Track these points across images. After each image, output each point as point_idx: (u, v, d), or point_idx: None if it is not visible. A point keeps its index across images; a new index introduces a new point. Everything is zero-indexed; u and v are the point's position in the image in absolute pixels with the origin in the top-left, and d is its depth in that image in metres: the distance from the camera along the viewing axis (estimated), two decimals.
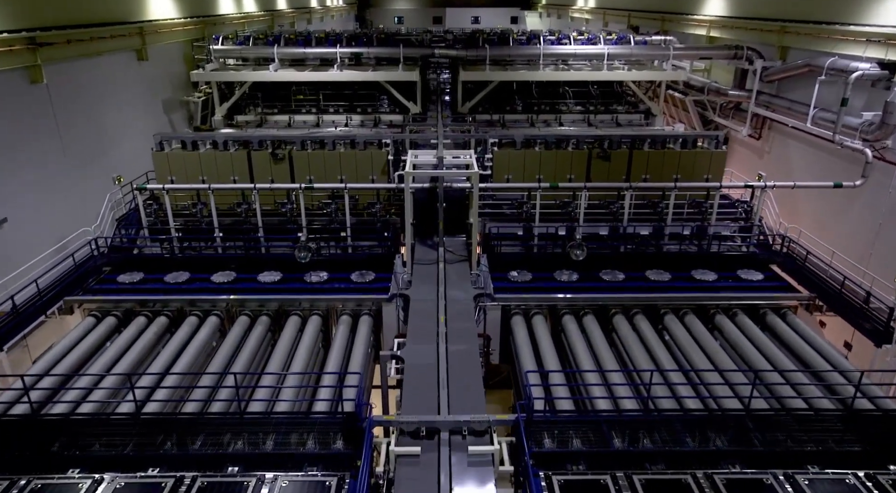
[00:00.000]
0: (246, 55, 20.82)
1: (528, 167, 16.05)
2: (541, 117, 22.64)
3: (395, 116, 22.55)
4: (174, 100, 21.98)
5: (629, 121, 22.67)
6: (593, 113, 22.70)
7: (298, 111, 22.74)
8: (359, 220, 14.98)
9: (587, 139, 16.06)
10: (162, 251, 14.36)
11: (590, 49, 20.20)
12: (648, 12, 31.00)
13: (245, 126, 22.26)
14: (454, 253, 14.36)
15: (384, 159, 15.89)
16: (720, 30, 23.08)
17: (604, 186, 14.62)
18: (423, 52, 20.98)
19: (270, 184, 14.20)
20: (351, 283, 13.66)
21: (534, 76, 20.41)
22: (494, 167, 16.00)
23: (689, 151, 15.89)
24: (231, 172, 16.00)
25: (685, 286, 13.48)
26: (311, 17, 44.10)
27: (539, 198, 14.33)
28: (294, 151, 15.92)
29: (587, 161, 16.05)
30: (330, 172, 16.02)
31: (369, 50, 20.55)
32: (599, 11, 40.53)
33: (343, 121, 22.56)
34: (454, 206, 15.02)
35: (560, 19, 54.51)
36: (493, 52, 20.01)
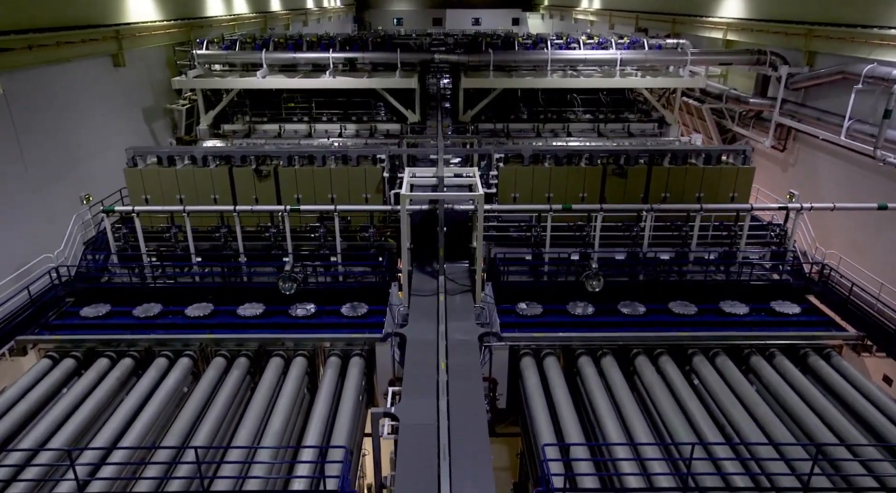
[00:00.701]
0: (232, 61, 19.42)
1: (537, 185, 14.65)
2: (547, 127, 21.24)
3: (392, 124, 21.15)
4: (156, 108, 20.59)
5: (642, 130, 21.27)
6: (603, 122, 21.30)
7: (289, 120, 21.34)
8: (351, 245, 13.58)
9: (601, 154, 14.65)
10: (131, 280, 12.94)
11: (601, 54, 18.80)
12: (658, 14, 29.62)
13: (232, 136, 20.86)
14: (456, 282, 12.96)
15: (379, 177, 14.48)
16: (738, 33, 21.69)
17: (621, 209, 13.19)
18: (421, 57, 19.58)
19: (253, 205, 12.79)
20: (341, 317, 12.27)
21: (541, 83, 19.01)
22: (500, 185, 14.59)
23: (714, 167, 14.49)
24: (211, 190, 14.59)
25: (714, 321, 12.09)
26: (308, 18, 42.69)
27: (550, 220, 12.93)
28: (280, 167, 14.51)
29: (601, 178, 14.64)
30: (319, 190, 14.61)
31: (364, 55, 19.15)
32: (605, 13, 39.15)
33: (337, 130, 21.15)
34: (456, 229, 13.63)
35: (563, 21, 53.15)
36: (497, 58, 18.62)
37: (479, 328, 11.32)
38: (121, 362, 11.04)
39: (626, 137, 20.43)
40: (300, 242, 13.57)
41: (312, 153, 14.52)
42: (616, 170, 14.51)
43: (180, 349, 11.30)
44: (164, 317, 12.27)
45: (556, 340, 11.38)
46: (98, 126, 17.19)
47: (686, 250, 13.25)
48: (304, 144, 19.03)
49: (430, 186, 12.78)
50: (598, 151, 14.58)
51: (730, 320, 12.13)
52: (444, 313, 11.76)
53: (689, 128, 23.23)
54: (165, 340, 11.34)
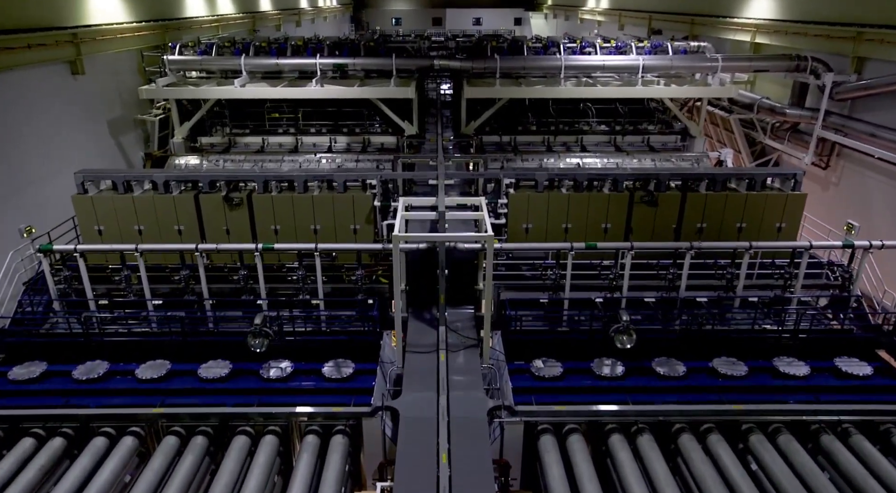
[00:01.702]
0: (208, 67, 17.38)
1: (553, 214, 12.64)
2: (559, 140, 19.20)
3: (387, 137, 19.12)
4: (125, 119, 18.57)
5: (663, 144, 19.24)
6: (621, 134, 19.25)
7: (274, 132, 19.30)
8: (335, 287, 11.55)
9: (628, 178, 12.63)
10: (73, 331, 10.90)
11: (621, 60, 16.75)
12: (674, 14, 27.58)
13: (209, 150, 18.83)
14: (459, 333, 10.92)
15: (369, 205, 12.47)
16: (769, 36, 19.66)
17: (656, 247, 11.13)
18: (419, 63, 17.53)
19: (219, 243, 10.74)
20: (322, 379, 10.27)
21: (553, 93, 16.97)
22: (510, 214, 12.59)
23: (759, 193, 12.47)
24: (175, 220, 12.59)
25: (769, 386, 10.09)
26: (301, 18, 40.61)
27: (571, 262, 10.90)
28: (255, 194, 12.50)
29: (628, 206, 12.64)
30: (301, 220, 12.61)
31: (355, 61, 17.10)
32: (614, 13, 37.09)
33: (326, 143, 19.13)
34: (459, 267, 11.59)
35: (568, 21, 51.10)
36: (504, 64, 16.56)
37: (488, 400, 9.29)
38: (49, 442, 9.01)
39: (646, 152, 18.38)
40: (276, 285, 11.54)
41: (292, 178, 12.49)
42: (645, 197, 12.50)
43: (125, 425, 9.28)
44: (110, 379, 10.26)
45: (581, 414, 9.36)
46: (51, 143, 15.16)
47: (731, 294, 11.22)
48: (289, 160, 16.98)
49: (429, 221, 10.77)
50: (623, 176, 12.54)
51: (788, 383, 10.12)
52: (445, 376, 9.72)
53: (712, 139, 21.18)
54: (107, 415, 9.32)
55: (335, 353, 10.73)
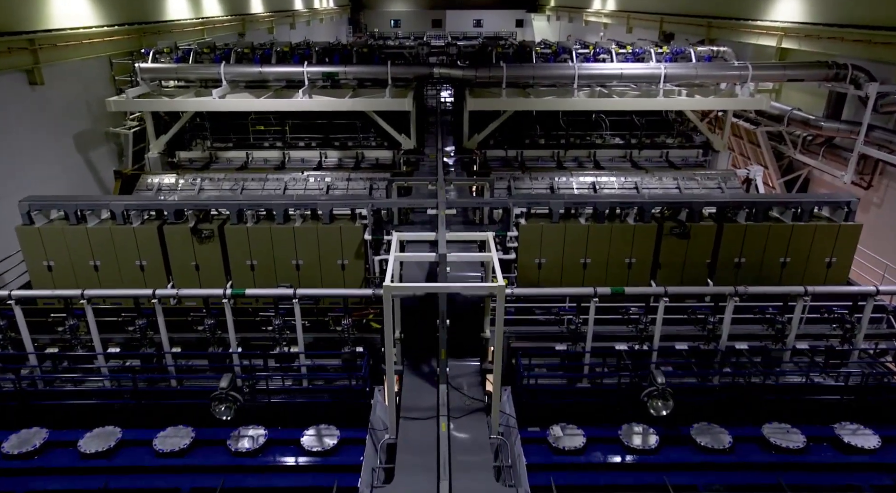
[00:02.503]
0: (184, 75, 15.76)
1: (570, 248, 11.02)
2: (570, 154, 17.62)
3: (382, 151, 17.53)
4: (95, 133, 16.98)
5: (683, 159, 17.65)
6: (637, 148, 17.66)
7: (259, 146, 17.70)
8: (319, 337, 9.90)
9: (656, 206, 11.01)
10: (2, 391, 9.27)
11: (641, 69, 15.13)
12: (688, 17, 25.96)
13: (188, 166, 17.25)
14: (462, 392, 9.30)
15: (359, 237, 10.85)
16: (799, 40, 18.06)
17: (696, 293, 9.49)
18: (417, 71, 15.92)
19: (178, 291, 9.09)
20: (301, 451, 8.64)
21: (566, 105, 15.35)
22: (521, 247, 10.96)
23: (807, 224, 10.85)
24: (136, 254, 10.98)
25: (835, 464, 8.46)
26: (295, 21, 38.97)
27: (593, 311, 9.26)
28: (228, 225, 10.88)
29: (655, 238, 11.02)
30: (281, 254, 11.00)
31: (347, 69, 15.48)
32: (622, 15, 35.48)
33: (316, 158, 17.54)
34: (462, 314, 9.98)
35: (571, 23, 49.52)
36: (511, 73, 14.94)
37: (499, 488, 7.66)
38: None
39: (666, 169, 16.79)
40: (249, 334, 9.89)
41: (270, 206, 10.86)
42: (676, 228, 10.87)
43: None
44: (47, 453, 8.62)
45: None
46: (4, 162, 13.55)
47: (781, 346, 9.58)
48: (274, 178, 15.38)
49: (427, 264, 9.16)
50: (651, 203, 10.91)
51: (859, 460, 8.49)
52: (446, 453, 8.10)
53: (734, 152, 19.56)
54: None
55: (318, 416, 9.11)
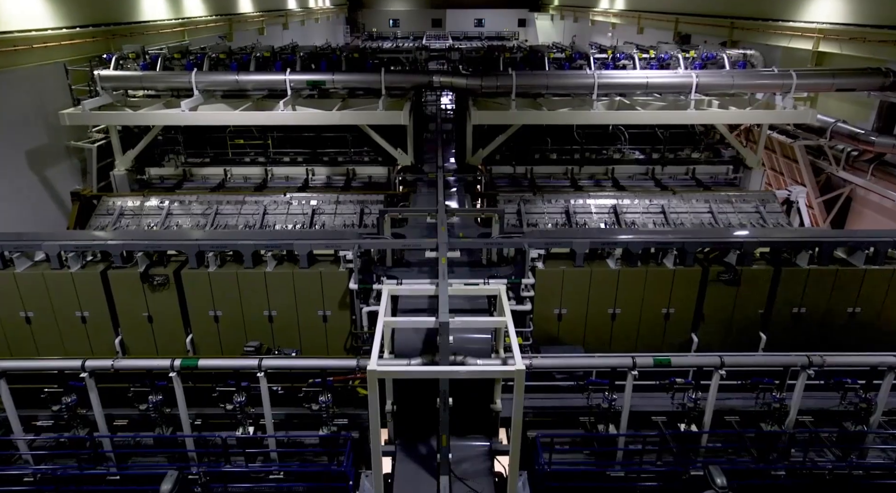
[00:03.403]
0: (150, 84, 13.91)
1: (597, 296, 9.22)
2: (585, 171, 15.79)
3: (375, 167, 15.73)
4: (55, 148, 15.16)
5: (712, 176, 15.83)
6: (660, 164, 15.83)
7: (238, 161, 15.89)
8: (291, 414, 8.09)
9: (700, 245, 9.19)
10: None
11: (669, 77, 13.28)
12: (708, 17, 24.11)
13: (159, 185, 15.45)
14: (468, 486, 7.49)
15: (343, 285, 9.05)
16: (840, 44, 16.23)
17: (762, 364, 7.63)
18: (415, 79, 14.08)
19: (113, 362, 7.27)
20: None
21: (584, 118, 13.51)
22: (538, 295, 9.15)
23: (884, 268, 9.03)
24: (76, 304, 9.18)
25: None
26: (288, 21, 37.10)
27: (631, 383, 7.44)
28: (186, 269, 9.07)
29: (699, 284, 9.21)
30: (251, 305, 9.20)
31: (335, 77, 13.65)
32: (632, 15, 33.63)
33: (301, 175, 15.72)
34: (468, 386, 8.17)
35: (577, 23, 47.68)
36: (522, 82, 13.11)
37: None
38: None
39: (694, 189, 14.98)
40: (205, 411, 8.07)
41: (237, 247, 9.04)
42: (724, 274, 9.06)
43: None
44: None
45: None
46: None
47: (862, 427, 7.76)
48: (253, 201, 13.56)
49: (424, 330, 7.32)
50: (694, 243, 9.09)
51: None
52: None
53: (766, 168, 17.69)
54: None
55: None
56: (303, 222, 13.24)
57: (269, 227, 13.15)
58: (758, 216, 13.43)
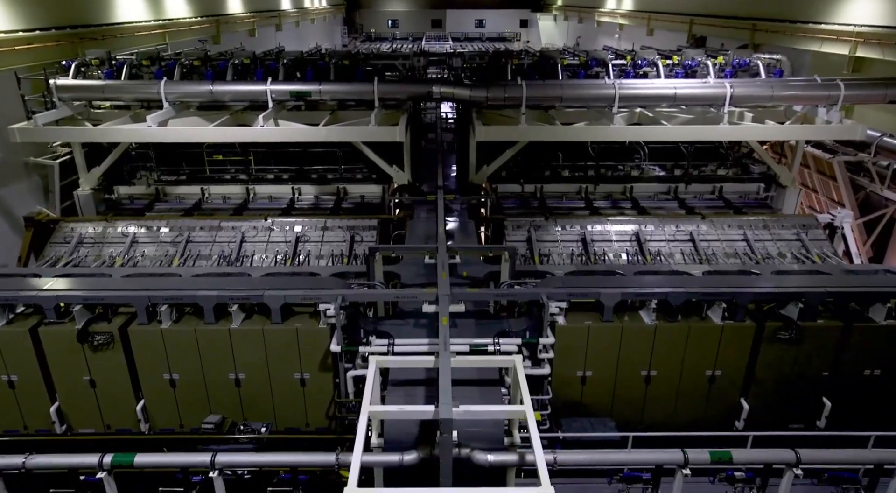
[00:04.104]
0: (114, 95, 12.33)
1: (628, 355, 7.69)
2: (601, 189, 14.28)
3: (369, 186, 14.22)
4: (11, 165, 13.62)
5: (741, 196, 14.32)
6: (684, 182, 14.30)
7: (217, 179, 14.35)
8: None
9: (754, 296, 7.64)
10: None
11: (700, 87, 11.70)
12: (726, 18, 22.57)
13: (128, 206, 13.94)
14: None
15: (324, 343, 7.52)
16: (882, 48, 14.68)
17: (847, 463, 6.10)
18: (412, 90, 12.50)
19: (25, 459, 5.73)
20: None
21: (604, 134, 11.95)
22: (558, 356, 7.61)
23: None
24: (2, 368, 7.64)
25: None
26: (282, 22, 35.50)
27: (681, 485, 5.90)
28: (135, 326, 7.54)
29: (752, 343, 7.68)
30: (213, 366, 7.67)
31: (322, 87, 12.10)
32: (641, 16, 32.09)
33: (287, 194, 14.20)
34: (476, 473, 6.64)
35: (582, 24, 46.15)
36: (534, 94, 11.54)
37: None
38: None
39: (724, 212, 13.47)
40: None
41: (195, 299, 7.49)
42: (783, 330, 7.52)
43: None
44: None
45: None
46: None
47: None
48: (229, 226, 12.05)
49: (419, 417, 5.78)
50: (746, 294, 7.54)
51: None
52: None
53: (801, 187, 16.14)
54: None
55: None
56: (285, 252, 11.73)
57: (246, 257, 11.64)
58: (799, 245, 11.91)
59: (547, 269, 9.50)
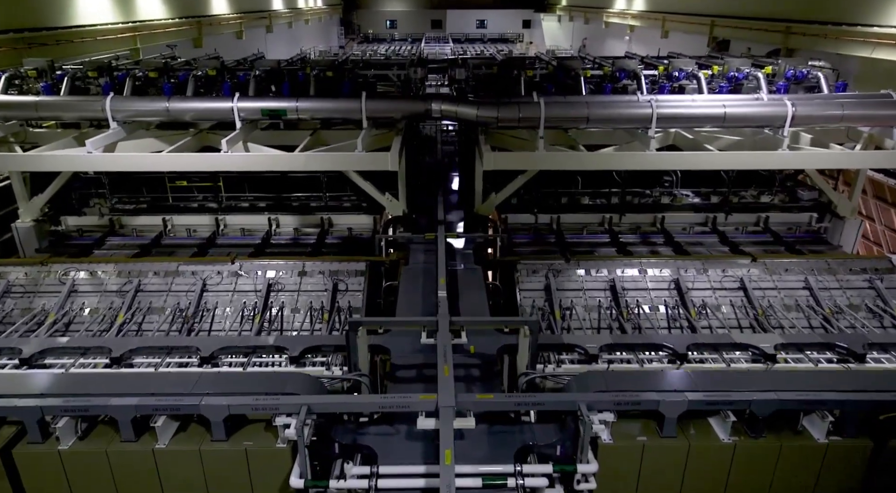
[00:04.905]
0: (50, 113, 10.28)
1: (696, 481, 5.69)
2: (627, 220, 12.29)
3: (357, 216, 12.25)
4: None
5: (790, 227, 12.34)
6: (723, 211, 12.31)
7: (182, 208, 12.38)
8: None
9: (873, 405, 5.64)
10: None
11: (753, 105, 9.61)
12: (754, 20, 20.57)
13: (77, 240, 11.97)
14: None
15: (284, 469, 5.51)
16: None
17: None
18: (407, 108, 10.43)
19: None
20: None
21: (638, 162, 9.89)
22: (601, 484, 5.60)
23: None
24: None
25: None
26: (272, 23, 33.45)
27: None
28: (22, 447, 5.53)
29: (867, 469, 5.66)
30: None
31: (300, 104, 10.07)
32: (655, 16, 30.08)
33: (263, 226, 12.21)
34: None
35: (588, 25, 44.13)
36: (554, 114, 9.51)
37: None
38: None
39: (774, 249, 11.49)
40: None
41: (107, 411, 5.48)
42: None
43: None
44: None
45: None
46: None
47: None
48: (190, 271, 10.07)
49: None
50: (858, 402, 5.54)
51: None
52: None
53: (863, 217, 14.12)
54: None
55: None
56: (255, 304, 9.73)
57: (207, 311, 9.64)
58: (873, 295, 9.91)
59: (576, 340, 7.50)
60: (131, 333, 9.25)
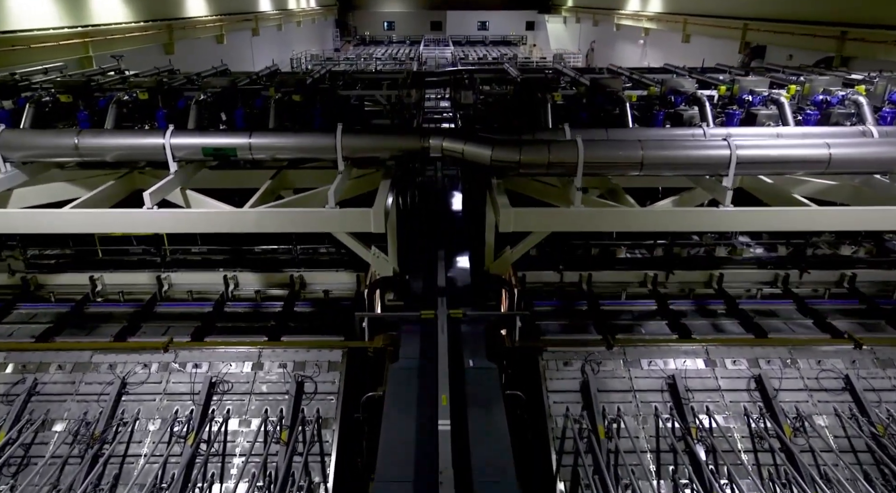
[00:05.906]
0: None
1: None
2: (675, 278, 9.76)
3: (337, 273, 9.73)
4: None
5: (882, 288, 9.78)
6: (797, 267, 9.78)
7: (115, 263, 9.83)
8: None
9: None
10: None
11: (864, 144, 7.11)
12: (799, 23, 18.02)
13: None
14: None
15: None
16: None
17: None
18: (397, 144, 7.84)
19: None
20: None
21: (713, 223, 7.27)
22: None
23: None
24: None
25: None
26: (259, 26, 30.83)
27: None
28: None
29: None
30: None
31: (254, 140, 7.49)
32: (675, 19, 27.54)
33: (219, 287, 9.65)
34: None
35: (597, 27, 41.62)
36: (596, 155, 6.95)
37: None
38: None
39: (876, 328, 8.93)
40: None
41: None
42: None
43: None
44: None
45: None
46: None
47: None
48: (105, 364, 7.54)
49: None
50: None
51: None
52: None
53: None
54: None
55: None
56: (190, 413, 7.18)
57: (122, 423, 7.09)
58: None
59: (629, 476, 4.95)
60: (12, 462, 6.70)
